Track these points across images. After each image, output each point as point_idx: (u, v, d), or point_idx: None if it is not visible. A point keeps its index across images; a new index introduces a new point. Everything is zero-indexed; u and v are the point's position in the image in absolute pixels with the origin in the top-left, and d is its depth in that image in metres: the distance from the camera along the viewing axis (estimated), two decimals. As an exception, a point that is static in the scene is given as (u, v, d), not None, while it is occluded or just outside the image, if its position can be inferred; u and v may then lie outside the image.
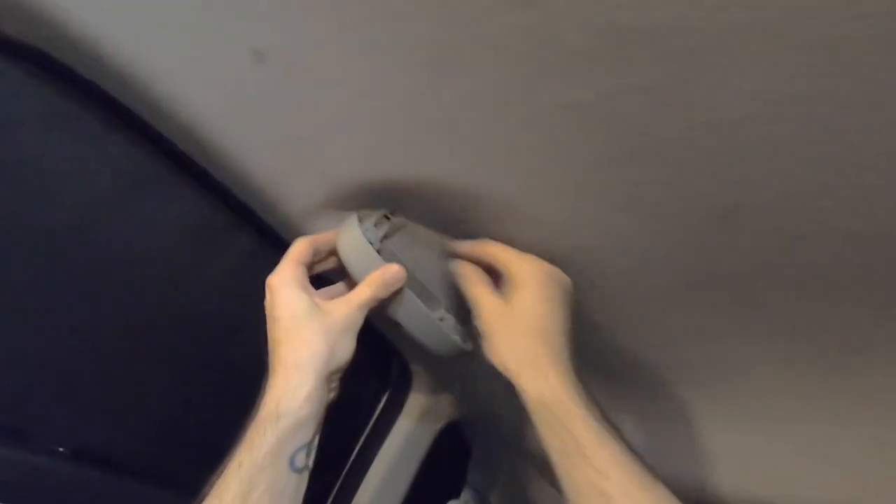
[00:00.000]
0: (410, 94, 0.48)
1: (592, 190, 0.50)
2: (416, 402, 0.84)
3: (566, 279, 0.57)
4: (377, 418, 0.83)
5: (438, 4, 0.40)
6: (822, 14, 0.32)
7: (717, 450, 0.66)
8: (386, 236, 0.62)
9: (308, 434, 0.50)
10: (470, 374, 0.79)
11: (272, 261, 0.68)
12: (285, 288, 0.54)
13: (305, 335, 0.52)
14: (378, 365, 0.85)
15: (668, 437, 0.70)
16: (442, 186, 0.55)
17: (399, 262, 0.64)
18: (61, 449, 0.60)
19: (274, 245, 0.66)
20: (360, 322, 0.55)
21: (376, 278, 0.57)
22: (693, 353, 0.61)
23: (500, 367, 0.54)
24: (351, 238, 0.57)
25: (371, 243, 0.60)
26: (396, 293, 0.59)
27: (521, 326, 0.54)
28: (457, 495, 1.03)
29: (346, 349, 0.54)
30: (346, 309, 0.54)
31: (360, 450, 0.82)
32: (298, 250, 0.56)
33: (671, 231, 0.50)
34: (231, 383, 0.71)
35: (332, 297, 0.57)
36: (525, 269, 0.56)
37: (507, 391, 0.58)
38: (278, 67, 0.46)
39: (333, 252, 0.60)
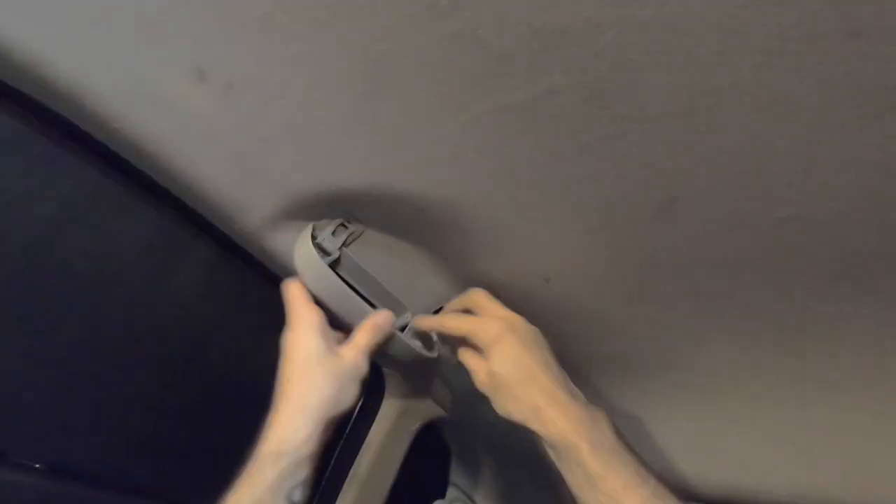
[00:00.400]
0: (351, 105, 0.49)
1: (535, 188, 0.51)
2: (390, 406, 0.84)
3: (519, 320, 0.58)
4: (353, 425, 0.84)
5: (365, 17, 0.42)
6: (734, 7, 0.34)
7: (678, 438, 0.67)
8: (345, 244, 0.63)
9: (305, 472, 0.53)
10: (442, 374, 0.80)
11: (235, 272, 0.69)
12: (308, 328, 0.57)
13: (315, 380, 0.55)
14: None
15: (630, 428, 0.70)
16: (395, 192, 0.56)
17: (359, 268, 0.65)
18: (38, 465, 0.61)
19: (236, 257, 0.67)
20: (366, 370, 0.59)
21: (370, 324, 0.61)
22: (651, 344, 0.62)
23: (512, 419, 0.55)
24: (304, 251, 0.59)
25: (329, 253, 0.62)
26: (354, 307, 0.61)
27: (510, 383, 0.55)
28: (441, 496, 1.03)
29: (351, 396, 0.57)
30: (353, 355, 0.58)
31: (337, 457, 0.82)
32: (301, 291, 0.59)
33: (615, 225, 0.51)
34: (204, 393, 0.72)
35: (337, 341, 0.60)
36: (486, 332, 0.57)
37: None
38: (219, 83, 0.48)
39: None
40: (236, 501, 0.50)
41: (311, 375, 0.55)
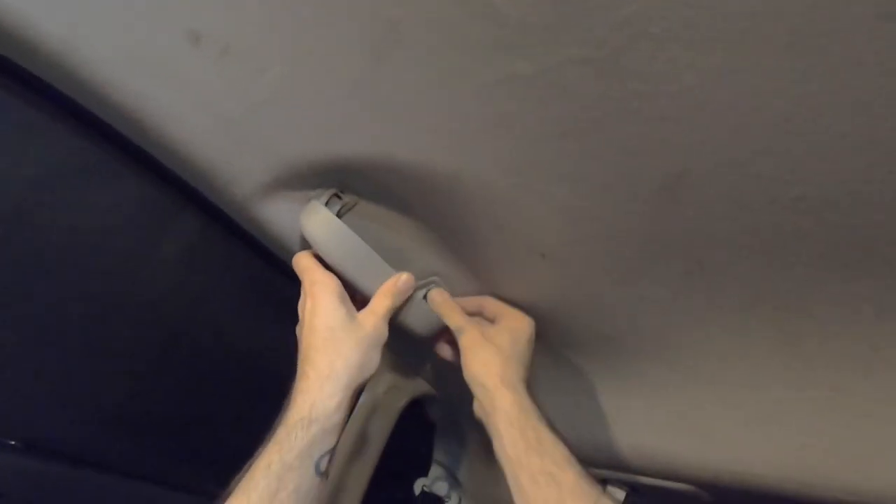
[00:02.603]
0: (352, 72, 0.47)
1: (539, 162, 0.50)
2: (377, 381, 0.84)
3: (533, 329, 0.65)
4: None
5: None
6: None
7: (670, 418, 0.68)
8: (339, 215, 0.61)
9: (333, 440, 0.53)
10: (430, 351, 0.80)
11: (222, 243, 0.67)
12: (328, 296, 0.56)
13: (341, 347, 0.55)
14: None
15: (621, 405, 0.71)
16: (392, 162, 0.55)
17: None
18: (13, 442, 0.59)
19: (223, 228, 0.65)
20: (386, 335, 0.59)
21: (391, 287, 0.60)
22: (646, 324, 0.62)
23: (474, 380, 0.61)
24: (319, 216, 0.58)
25: None
26: (373, 268, 0.61)
27: (496, 351, 0.61)
28: (424, 473, 1.04)
29: (374, 362, 0.57)
30: (374, 321, 0.58)
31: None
32: (314, 260, 0.59)
33: (618, 201, 0.51)
34: (187, 367, 0.70)
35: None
36: (509, 315, 0.65)
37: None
38: (215, 48, 0.45)
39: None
40: (266, 465, 0.49)
41: (336, 343, 0.55)
